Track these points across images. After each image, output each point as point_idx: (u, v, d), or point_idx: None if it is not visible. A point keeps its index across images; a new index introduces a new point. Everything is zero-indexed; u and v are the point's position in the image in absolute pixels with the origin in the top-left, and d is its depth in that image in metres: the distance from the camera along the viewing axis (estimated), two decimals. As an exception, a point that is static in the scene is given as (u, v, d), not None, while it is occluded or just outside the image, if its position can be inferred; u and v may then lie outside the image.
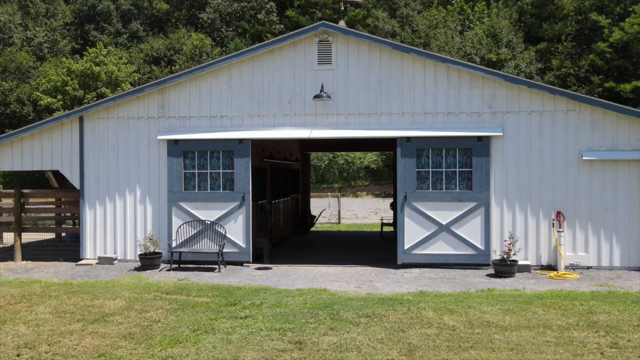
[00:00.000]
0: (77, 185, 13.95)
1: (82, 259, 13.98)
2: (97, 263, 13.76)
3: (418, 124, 13.01)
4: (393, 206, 21.63)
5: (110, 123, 13.87)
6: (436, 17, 52.21)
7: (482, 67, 13.19)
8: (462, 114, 12.92)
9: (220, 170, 13.52)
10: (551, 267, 12.75)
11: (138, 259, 13.56)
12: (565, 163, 12.69)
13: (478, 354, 7.49)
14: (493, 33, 47.18)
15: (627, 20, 39.97)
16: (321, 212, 24.40)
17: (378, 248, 16.97)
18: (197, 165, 13.58)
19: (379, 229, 22.42)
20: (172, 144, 13.53)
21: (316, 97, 12.82)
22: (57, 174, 17.95)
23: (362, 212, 32.73)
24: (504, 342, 7.86)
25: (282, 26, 59.22)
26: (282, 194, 18.27)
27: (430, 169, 13.01)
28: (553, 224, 12.63)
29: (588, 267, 12.69)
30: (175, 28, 58.87)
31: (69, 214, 16.93)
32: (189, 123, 13.64)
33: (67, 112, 14.67)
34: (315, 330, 8.45)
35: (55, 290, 10.97)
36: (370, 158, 50.27)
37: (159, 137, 13.54)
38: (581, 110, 12.66)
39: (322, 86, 12.92)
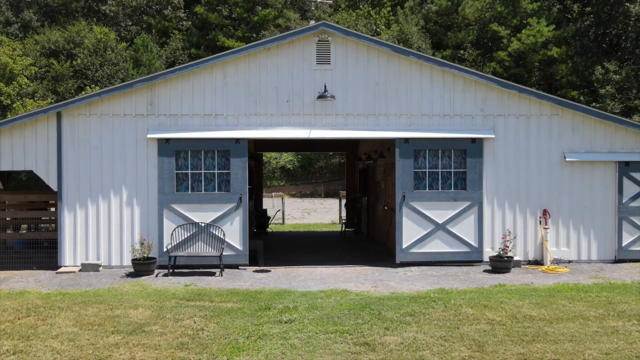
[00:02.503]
0: (55, 187, 12.86)
1: (61, 267, 12.93)
2: (80, 270, 12.78)
3: (415, 126, 13.30)
4: (348, 206, 21.89)
5: (93, 120, 12.92)
6: (347, 20, 53.25)
7: (476, 71, 13.74)
8: (456, 116, 13.37)
9: (216, 171, 13.05)
10: (537, 262, 13.54)
11: (127, 264, 12.80)
12: (549, 164, 13.53)
13: (543, 346, 7.82)
14: (404, 38, 48.93)
15: (523, 31, 42.91)
16: (276, 213, 24.18)
17: (354, 247, 17.05)
18: (191, 166, 13.01)
19: (329, 229, 22.64)
20: (164, 143, 12.86)
21: (320, 97, 12.74)
22: (1, 174, 16.44)
23: (295, 212, 32.73)
24: (559, 334, 8.27)
25: (190, 23, 57.79)
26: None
27: (427, 170, 13.36)
28: (540, 221, 13.42)
29: (569, 261, 13.60)
30: (72, 19, 55.50)
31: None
32: (181, 121, 13.02)
33: (43, 107, 13.48)
34: (371, 330, 8.44)
35: (59, 301, 10.12)
36: (286, 158, 50.33)
37: (149, 136, 12.82)
38: (563, 114, 13.56)
39: (325, 86, 12.86)
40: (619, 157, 13.58)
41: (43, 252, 14.35)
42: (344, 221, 20.62)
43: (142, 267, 12.24)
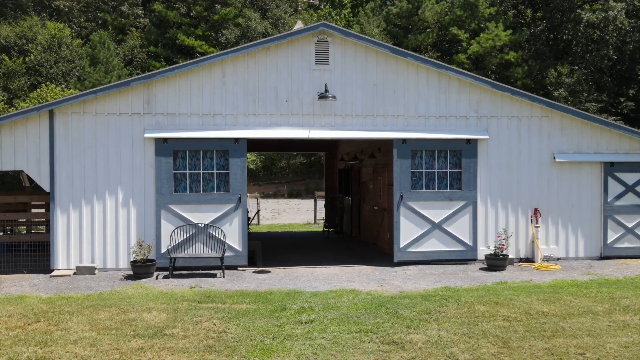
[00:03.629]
0: (47, 187, 12.44)
1: (54, 270, 12.50)
2: (74, 273, 12.39)
3: (412, 127, 13.48)
4: (327, 206, 21.96)
5: (87, 119, 12.55)
6: (309, 21, 53.33)
7: (471, 73, 14.00)
8: (451, 118, 13.62)
9: (214, 171, 12.88)
10: (528, 260, 13.93)
11: (123, 267, 12.53)
12: (540, 164, 13.95)
13: (565, 341, 8.07)
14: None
15: (482, 35, 43.97)
16: (256, 213, 24.00)
17: (342, 247, 17.10)
18: (189, 166, 12.80)
19: (306, 229, 22.66)
20: (161, 143, 12.61)
21: (321, 97, 12.75)
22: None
23: (265, 213, 32.57)
24: (576, 329, 8.54)
25: (147, 20, 56.65)
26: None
27: (424, 170, 13.56)
28: (531, 219, 13.82)
29: (558, 259, 14.05)
30: (22, 14, 53.61)
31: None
32: (178, 121, 12.80)
33: (35, 105, 12.99)
34: (394, 329, 8.53)
35: (66, 306, 9.82)
36: (249, 158, 49.91)
37: (146, 135, 12.54)
38: (553, 116, 14.00)
39: (326, 86, 12.88)
40: (604, 158, 14.12)
41: (25, 255, 13.86)
42: (322, 221, 20.63)
43: (141, 269, 11.97)
